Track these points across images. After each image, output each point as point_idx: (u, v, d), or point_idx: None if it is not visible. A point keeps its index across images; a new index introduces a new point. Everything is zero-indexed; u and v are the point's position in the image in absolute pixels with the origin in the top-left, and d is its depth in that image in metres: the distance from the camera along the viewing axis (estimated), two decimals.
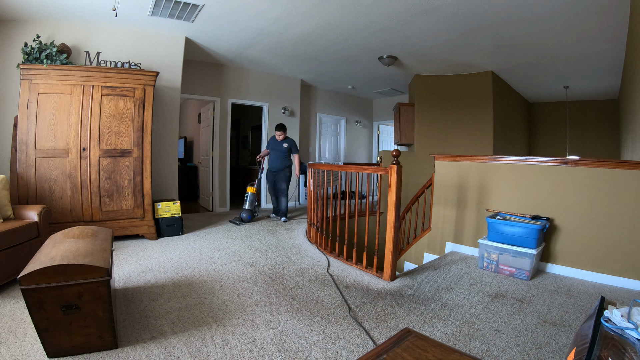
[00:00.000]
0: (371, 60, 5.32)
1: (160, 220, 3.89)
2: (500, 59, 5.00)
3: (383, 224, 2.89)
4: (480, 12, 3.49)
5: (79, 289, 1.52)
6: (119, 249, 3.32)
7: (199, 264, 2.99)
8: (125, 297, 2.27)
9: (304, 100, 7.10)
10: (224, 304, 2.20)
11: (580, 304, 2.30)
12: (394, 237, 2.64)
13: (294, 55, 5.24)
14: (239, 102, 6.02)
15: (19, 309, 2.02)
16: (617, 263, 2.68)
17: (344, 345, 1.76)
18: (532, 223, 2.81)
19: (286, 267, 2.98)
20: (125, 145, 3.57)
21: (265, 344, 1.75)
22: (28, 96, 3.22)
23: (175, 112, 4.63)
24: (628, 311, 1.06)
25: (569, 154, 6.97)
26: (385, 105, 8.33)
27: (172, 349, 1.67)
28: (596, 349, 0.93)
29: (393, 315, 2.10)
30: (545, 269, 2.98)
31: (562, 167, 2.95)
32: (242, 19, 3.90)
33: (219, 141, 5.77)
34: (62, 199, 3.35)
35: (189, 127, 7.80)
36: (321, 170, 3.90)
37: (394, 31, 4.12)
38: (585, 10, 3.31)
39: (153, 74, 3.68)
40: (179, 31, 4.33)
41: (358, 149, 8.62)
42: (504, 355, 1.69)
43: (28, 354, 1.59)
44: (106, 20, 3.84)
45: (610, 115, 6.77)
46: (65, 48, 3.68)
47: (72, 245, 1.74)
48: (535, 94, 7.17)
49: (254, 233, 4.21)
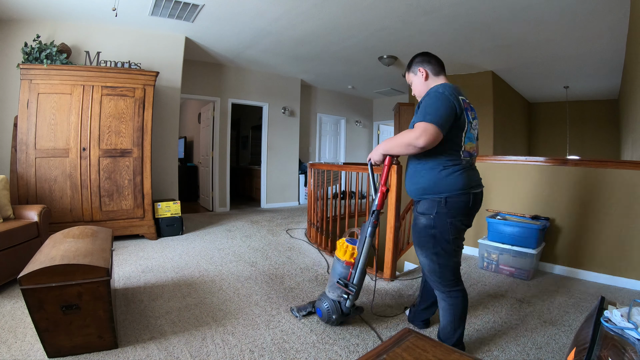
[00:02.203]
0: (371, 60, 5.32)
1: (160, 220, 3.89)
2: (500, 59, 5.00)
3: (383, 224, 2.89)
4: (480, 12, 3.48)
5: (79, 289, 1.52)
6: (119, 249, 3.32)
7: (199, 264, 2.99)
8: (125, 297, 2.27)
9: (304, 100, 7.10)
10: (224, 304, 2.20)
11: (580, 304, 2.30)
12: (394, 237, 2.64)
13: (294, 55, 5.24)
14: (239, 102, 6.02)
15: (19, 309, 2.02)
16: (617, 263, 2.68)
17: (344, 345, 1.76)
18: (532, 223, 2.81)
19: (286, 267, 2.98)
20: (125, 145, 3.57)
21: (265, 344, 1.75)
22: (28, 96, 3.22)
23: (175, 112, 4.63)
24: (628, 311, 1.06)
25: (569, 154, 6.97)
26: (385, 105, 8.33)
27: (172, 349, 1.67)
28: (596, 349, 0.93)
29: (393, 315, 2.10)
30: (545, 269, 2.98)
31: (562, 167, 2.95)
32: (242, 19, 3.90)
33: (219, 141, 5.77)
34: (62, 199, 3.35)
35: (189, 127, 7.80)
36: (321, 170, 3.90)
37: (394, 31, 4.12)
38: (585, 10, 3.31)
39: (153, 74, 3.68)
40: (179, 31, 4.33)
41: (358, 149, 8.62)
42: (504, 355, 1.69)
43: (28, 354, 1.59)
44: (106, 20, 3.84)
45: (610, 115, 6.76)
46: (65, 48, 3.68)
47: (72, 245, 1.74)
48: (535, 94, 7.17)
49: (254, 233, 4.21)
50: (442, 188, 1.50)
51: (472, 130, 1.55)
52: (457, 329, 1.60)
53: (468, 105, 1.56)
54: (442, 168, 1.51)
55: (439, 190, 1.51)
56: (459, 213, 1.52)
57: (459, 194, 1.49)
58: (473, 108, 1.61)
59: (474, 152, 1.60)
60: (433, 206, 1.53)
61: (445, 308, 1.61)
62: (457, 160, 1.51)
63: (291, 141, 6.70)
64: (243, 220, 5.01)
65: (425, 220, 1.56)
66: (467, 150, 1.53)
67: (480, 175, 1.65)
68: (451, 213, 1.51)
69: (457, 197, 1.49)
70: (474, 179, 1.57)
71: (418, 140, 1.39)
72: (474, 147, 1.59)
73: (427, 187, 1.54)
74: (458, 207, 1.51)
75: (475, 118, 1.59)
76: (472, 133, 1.56)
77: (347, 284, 1.85)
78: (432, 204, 1.53)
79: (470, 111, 1.56)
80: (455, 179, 1.50)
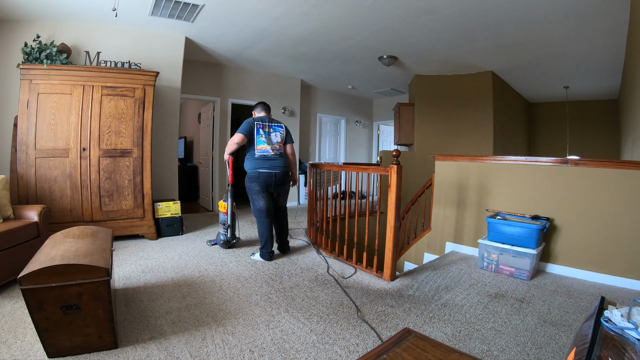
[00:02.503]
0: (371, 60, 5.32)
1: (160, 220, 3.89)
2: (500, 59, 5.00)
3: (383, 224, 2.89)
4: (480, 12, 3.49)
5: (79, 289, 1.52)
6: (119, 249, 3.32)
7: (199, 264, 2.99)
8: (125, 297, 2.27)
9: (304, 100, 7.10)
10: (224, 304, 2.20)
11: (580, 304, 2.30)
12: (394, 237, 2.64)
13: (294, 55, 5.24)
14: (239, 102, 6.02)
15: (19, 309, 2.02)
16: (617, 263, 2.68)
17: (344, 345, 1.76)
18: (532, 223, 2.81)
19: (286, 267, 2.98)
20: (125, 145, 3.57)
21: (265, 344, 1.75)
22: (28, 96, 3.22)
23: (175, 112, 4.63)
24: (628, 311, 1.06)
25: (569, 154, 6.97)
26: (385, 105, 8.33)
27: (172, 349, 1.67)
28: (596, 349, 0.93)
29: (393, 315, 2.10)
30: (545, 269, 2.98)
31: (562, 167, 2.95)
32: (242, 19, 3.90)
33: (219, 141, 5.77)
34: (62, 199, 3.35)
35: (189, 127, 7.80)
36: (321, 170, 3.90)
37: (394, 31, 4.12)
38: (585, 11, 3.31)
39: (153, 74, 3.68)
40: (179, 31, 4.33)
41: (358, 149, 8.62)
42: (504, 355, 1.69)
43: (28, 354, 1.59)
44: (106, 20, 3.84)
45: (610, 115, 6.77)
46: (65, 48, 3.68)
47: (72, 245, 1.74)
48: (535, 94, 7.17)
49: (254, 233, 4.21)
50: (246, 167, 3.12)
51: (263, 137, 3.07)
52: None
53: (265, 125, 3.11)
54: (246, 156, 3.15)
55: (246, 168, 3.12)
56: (253, 181, 3.05)
57: (251, 171, 3.07)
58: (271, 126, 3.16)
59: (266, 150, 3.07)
60: (246, 177, 3.12)
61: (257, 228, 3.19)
62: (251, 153, 3.09)
63: None
64: (243, 220, 5.01)
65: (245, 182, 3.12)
66: (259, 148, 3.06)
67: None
68: (250, 180, 3.07)
69: (250, 172, 3.07)
70: (262, 164, 3.05)
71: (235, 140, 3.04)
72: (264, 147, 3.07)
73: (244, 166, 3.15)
74: (251, 178, 3.07)
75: (272, 131, 3.13)
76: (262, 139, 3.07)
77: (225, 224, 3.43)
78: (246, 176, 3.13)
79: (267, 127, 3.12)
80: (248, 162, 3.10)
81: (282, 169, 3.09)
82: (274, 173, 3.04)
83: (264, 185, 3.03)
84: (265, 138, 3.06)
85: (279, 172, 3.07)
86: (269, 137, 3.09)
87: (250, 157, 3.07)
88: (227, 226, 3.39)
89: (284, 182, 3.18)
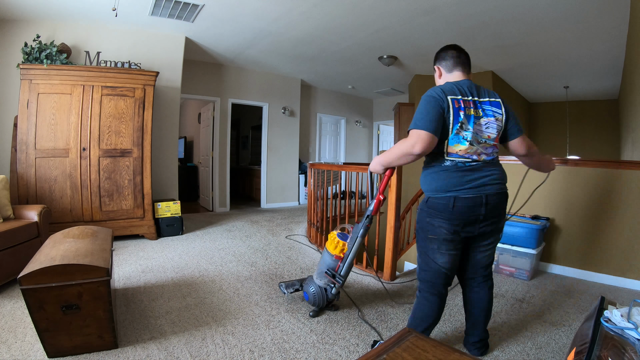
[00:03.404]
0: (371, 60, 5.32)
1: (160, 220, 3.89)
2: (500, 59, 5.00)
3: (383, 224, 2.89)
4: (480, 11, 3.48)
5: (79, 289, 1.52)
6: (119, 249, 3.32)
7: (199, 264, 2.99)
8: (125, 297, 2.27)
9: (304, 100, 7.10)
10: (224, 304, 2.20)
11: (580, 304, 2.30)
12: (394, 237, 2.64)
13: (294, 55, 5.24)
14: (239, 102, 6.02)
15: (19, 309, 2.02)
16: (617, 263, 2.68)
17: (344, 345, 1.76)
18: (532, 223, 2.81)
19: (286, 267, 2.98)
20: (125, 145, 3.57)
21: (265, 344, 1.75)
22: (28, 96, 3.22)
23: (175, 112, 4.63)
24: (628, 311, 1.06)
25: (569, 154, 6.97)
26: (385, 105, 8.33)
27: (172, 349, 1.67)
28: (596, 349, 0.93)
29: (393, 315, 2.11)
30: (545, 269, 2.98)
31: (562, 167, 2.95)
32: (242, 19, 3.90)
33: (219, 141, 5.77)
34: (62, 199, 3.35)
35: (189, 127, 7.80)
36: (321, 170, 3.90)
37: (394, 31, 4.12)
38: (585, 11, 3.31)
39: (153, 74, 3.68)
40: (179, 31, 4.33)
41: (358, 149, 8.62)
42: (504, 355, 1.69)
43: (28, 354, 1.59)
44: (106, 20, 3.84)
45: (610, 115, 6.77)
46: (65, 48, 3.68)
47: (72, 245, 1.74)
48: (535, 94, 7.17)
49: (254, 233, 4.21)
50: (424, 187, 1.55)
51: (463, 131, 1.42)
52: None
53: (468, 103, 1.45)
54: (425, 167, 1.56)
55: (424, 189, 1.55)
56: (438, 215, 1.46)
57: (437, 197, 1.46)
58: (480, 104, 1.49)
59: (469, 154, 1.44)
60: (422, 202, 1.56)
61: (413, 305, 1.63)
62: (438, 162, 1.47)
63: (291, 141, 6.70)
64: (243, 220, 5.01)
65: (417, 214, 1.60)
66: (454, 152, 1.43)
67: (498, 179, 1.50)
68: (430, 213, 1.49)
69: (435, 198, 1.47)
70: (461, 181, 1.43)
71: (414, 149, 1.36)
72: (467, 149, 1.43)
73: (421, 184, 1.59)
74: (437, 209, 1.46)
75: (482, 116, 1.47)
76: (464, 134, 1.42)
77: (334, 275, 2.00)
78: (423, 201, 1.57)
79: (470, 109, 1.44)
80: (432, 180, 1.49)
81: (497, 187, 1.51)
82: (483, 196, 1.45)
83: (460, 223, 1.46)
84: (468, 130, 1.43)
85: (491, 192, 1.48)
86: (475, 126, 1.45)
87: (432, 165, 1.52)
88: (339, 277, 1.99)
89: (498, 212, 1.53)
